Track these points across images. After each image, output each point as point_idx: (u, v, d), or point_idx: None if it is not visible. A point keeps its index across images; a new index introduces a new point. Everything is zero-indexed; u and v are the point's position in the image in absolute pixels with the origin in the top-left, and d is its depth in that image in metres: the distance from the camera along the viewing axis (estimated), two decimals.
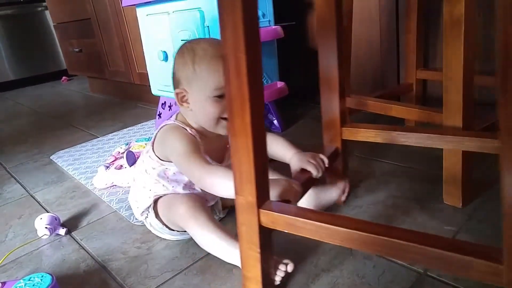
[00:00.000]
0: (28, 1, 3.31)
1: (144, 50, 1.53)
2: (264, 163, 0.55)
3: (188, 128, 0.77)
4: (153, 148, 0.81)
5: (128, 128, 1.68)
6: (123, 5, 1.51)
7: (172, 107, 1.52)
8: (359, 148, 1.11)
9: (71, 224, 0.95)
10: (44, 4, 3.26)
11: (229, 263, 0.72)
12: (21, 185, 1.24)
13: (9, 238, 0.93)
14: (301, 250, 0.75)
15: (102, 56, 2.26)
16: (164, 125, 0.80)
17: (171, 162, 0.78)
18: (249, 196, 0.55)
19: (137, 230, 0.89)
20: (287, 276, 0.66)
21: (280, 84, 1.32)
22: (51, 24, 3.14)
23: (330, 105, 0.81)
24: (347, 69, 1.05)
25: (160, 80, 1.50)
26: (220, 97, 0.73)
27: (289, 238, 0.78)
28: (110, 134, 1.63)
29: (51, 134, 1.79)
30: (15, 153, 1.58)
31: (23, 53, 3.34)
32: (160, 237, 0.84)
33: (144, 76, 1.87)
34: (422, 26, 1.17)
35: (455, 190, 0.81)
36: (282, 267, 0.65)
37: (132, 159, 1.10)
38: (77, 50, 2.54)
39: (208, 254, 0.76)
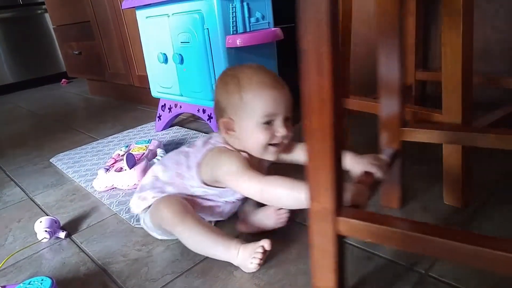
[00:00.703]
0: (27, 4, 3.32)
1: (144, 53, 1.53)
2: (341, 168, 0.50)
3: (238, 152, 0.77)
4: (198, 171, 0.79)
5: (128, 131, 1.68)
6: (122, 8, 1.51)
7: (171, 110, 1.52)
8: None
9: (71, 227, 0.95)
10: (43, 6, 3.26)
11: (230, 266, 0.72)
12: (21, 188, 1.24)
13: (9, 241, 0.93)
14: (300, 250, 0.74)
15: (102, 59, 2.26)
16: (213, 148, 0.79)
17: (215, 186, 0.79)
18: (326, 203, 0.51)
19: (137, 232, 0.88)
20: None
21: None
22: (51, 26, 3.14)
23: (390, 105, 0.77)
24: (347, 70, 1.05)
25: (160, 82, 1.50)
26: (268, 123, 0.74)
27: (287, 238, 0.78)
28: (110, 137, 1.63)
29: (50, 137, 1.78)
30: (14, 156, 1.58)
31: (23, 55, 3.34)
32: (160, 240, 0.84)
33: (144, 79, 1.87)
34: (421, 27, 1.17)
35: (455, 191, 0.81)
36: (259, 250, 0.68)
37: (132, 161, 1.10)
38: (76, 52, 2.54)
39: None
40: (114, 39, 2.05)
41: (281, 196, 0.66)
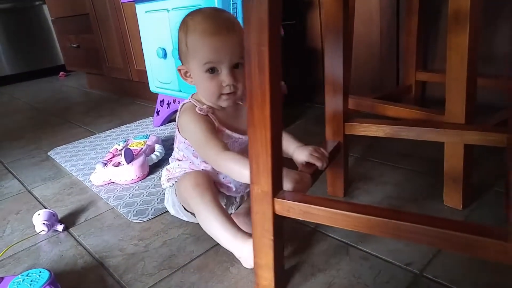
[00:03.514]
0: None
1: (143, 47, 1.53)
2: (279, 155, 0.56)
3: (199, 106, 0.76)
4: (178, 130, 0.82)
5: (126, 125, 1.68)
6: (122, 1, 1.51)
7: (170, 105, 1.52)
8: (357, 149, 1.12)
9: (69, 221, 0.95)
10: None
11: (226, 262, 0.73)
12: (19, 181, 1.24)
13: (7, 233, 0.93)
14: (297, 250, 0.75)
15: (101, 52, 2.26)
16: (182, 104, 0.80)
17: None
18: (265, 186, 0.56)
19: (134, 227, 0.89)
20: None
21: None
22: (49, 18, 3.12)
23: (334, 100, 0.83)
24: (348, 70, 1.05)
25: (158, 78, 1.50)
26: (213, 71, 0.72)
27: (286, 238, 0.79)
28: (107, 131, 1.63)
29: (48, 130, 1.78)
30: (12, 148, 1.58)
31: (20, 47, 3.33)
32: (157, 235, 0.84)
33: (143, 73, 1.87)
34: (422, 28, 1.18)
35: (455, 192, 0.81)
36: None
37: (130, 156, 1.10)
38: (75, 45, 2.53)
39: (206, 252, 0.77)
40: (113, 33, 2.04)
41: (234, 172, 0.69)
